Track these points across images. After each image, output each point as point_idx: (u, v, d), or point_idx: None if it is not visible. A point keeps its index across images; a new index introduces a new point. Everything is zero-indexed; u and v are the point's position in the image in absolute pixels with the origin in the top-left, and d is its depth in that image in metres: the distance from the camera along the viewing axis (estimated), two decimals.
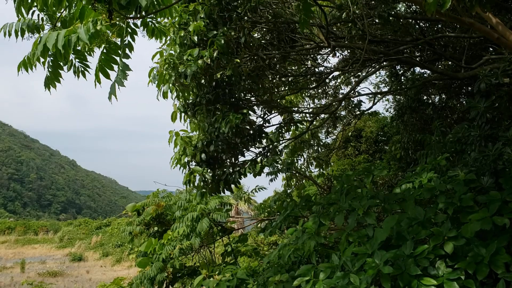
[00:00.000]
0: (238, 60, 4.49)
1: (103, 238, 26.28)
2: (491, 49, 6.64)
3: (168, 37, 4.38)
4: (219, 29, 4.16)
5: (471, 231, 2.60)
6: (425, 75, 7.75)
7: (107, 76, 1.88)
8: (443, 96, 8.19)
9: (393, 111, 9.76)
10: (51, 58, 1.86)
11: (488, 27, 4.46)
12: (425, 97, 8.11)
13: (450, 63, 7.28)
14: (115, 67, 1.85)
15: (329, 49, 5.44)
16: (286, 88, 7.17)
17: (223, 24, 4.20)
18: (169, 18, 3.70)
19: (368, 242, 2.84)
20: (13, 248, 26.42)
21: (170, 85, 4.45)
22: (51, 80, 1.88)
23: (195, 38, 4.07)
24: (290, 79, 6.99)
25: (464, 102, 7.77)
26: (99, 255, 22.40)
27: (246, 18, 4.46)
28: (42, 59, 1.79)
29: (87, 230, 31.13)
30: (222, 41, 4.01)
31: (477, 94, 4.33)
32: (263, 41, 5.14)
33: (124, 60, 1.84)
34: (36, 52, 1.65)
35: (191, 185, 4.99)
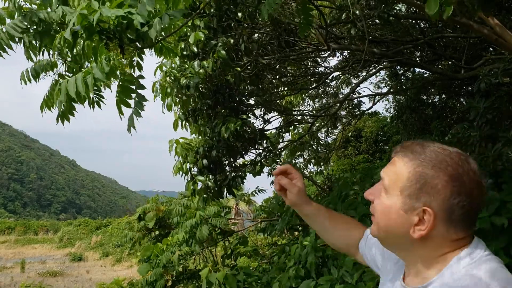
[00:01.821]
0: (239, 69, 4.51)
1: (103, 238, 26.29)
2: (491, 49, 6.64)
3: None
4: (218, 38, 4.17)
5: None
6: (425, 75, 7.75)
7: (128, 105, 1.91)
8: (443, 96, 8.20)
9: (393, 111, 9.78)
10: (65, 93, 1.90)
11: (488, 27, 4.46)
12: (425, 97, 8.12)
13: (450, 63, 7.28)
14: (133, 95, 1.89)
15: (329, 51, 5.44)
16: (286, 89, 7.17)
17: (222, 32, 4.21)
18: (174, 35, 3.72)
19: None
20: (13, 248, 26.42)
21: (174, 97, 4.51)
22: (65, 115, 1.91)
23: (195, 48, 4.08)
24: (290, 80, 6.99)
25: (464, 102, 7.77)
26: (99, 255, 22.40)
27: (245, 25, 4.47)
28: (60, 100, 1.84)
29: (87, 230, 31.14)
30: (224, 52, 4.02)
31: (477, 94, 4.33)
32: (262, 42, 5.13)
33: (139, 91, 1.87)
34: (60, 100, 1.70)
35: (196, 195, 4.99)
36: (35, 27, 1.82)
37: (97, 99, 1.96)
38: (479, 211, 0.93)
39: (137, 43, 1.74)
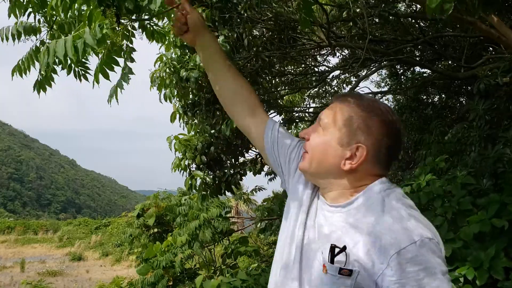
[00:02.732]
0: (240, 62, 4.48)
1: (102, 238, 26.28)
2: (491, 48, 6.64)
3: (167, 40, 4.36)
4: (219, 30, 4.14)
5: (470, 233, 2.59)
6: (424, 74, 7.75)
7: (107, 76, 1.80)
8: (443, 96, 8.20)
9: None
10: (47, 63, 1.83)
11: (488, 26, 4.44)
12: (424, 97, 8.11)
13: (450, 62, 7.28)
14: (117, 69, 1.79)
15: (330, 49, 5.43)
16: (286, 88, 7.16)
17: (223, 25, 4.18)
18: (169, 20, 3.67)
19: None
20: (13, 247, 26.39)
21: (172, 88, 4.46)
22: (43, 84, 1.82)
23: None
24: (290, 79, 6.98)
25: (463, 101, 7.77)
26: (99, 255, 22.39)
27: (246, 17, 4.44)
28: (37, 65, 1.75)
29: (86, 230, 31.12)
30: (228, 46, 3.99)
31: (476, 95, 4.32)
32: (264, 39, 5.11)
33: (128, 63, 1.78)
34: (47, 61, 1.60)
35: (194, 190, 4.96)
36: None
37: (82, 72, 1.87)
38: (397, 155, 1.13)
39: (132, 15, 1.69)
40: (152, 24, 1.97)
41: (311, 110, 8.48)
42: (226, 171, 5.04)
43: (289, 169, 1.28)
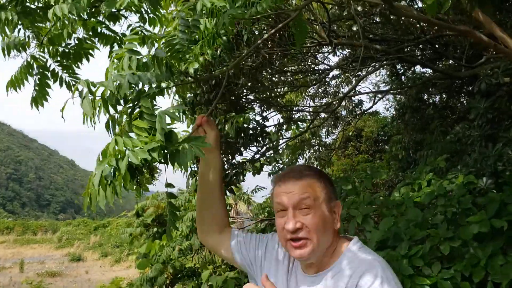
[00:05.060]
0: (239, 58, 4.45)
1: (102, 238, 26.23)
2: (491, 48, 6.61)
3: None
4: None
5: (469, 233, 2.58)
6: (425, 74, 7.73)
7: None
8: (444, 96, 8.18)
9: (394, 111, 9.75)
10: (38, 77, 1.83)
11: (484, 35, 4.40)
12: (425, 97, 8.08)
13: (451, 62, 7.27)
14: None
15: (330, 47, 5.41)
16: (286, 87, 7.13)
17: None
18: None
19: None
20: (12, 248, 26.35)
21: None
22: (39, 99, 1.84)
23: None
24: (290, 77, 6.95)
25: (464, 102, 7.75)
26: (98, 255, 22.35)
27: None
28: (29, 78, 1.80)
29: (86, 230, 31.07)
30: (225, 38, 3.95)
31: (477, 94, 4.31)
32: (263, 33, 5.07)
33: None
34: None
35: (193, 187, 4.93)
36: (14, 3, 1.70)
37: (73, 82, 1.86)
38: None
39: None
40: (142, 30, 1.90)
41: (310, 109, 8.47)
42: (228, 172, 5.01)
43: (257, 258, 1.38)
